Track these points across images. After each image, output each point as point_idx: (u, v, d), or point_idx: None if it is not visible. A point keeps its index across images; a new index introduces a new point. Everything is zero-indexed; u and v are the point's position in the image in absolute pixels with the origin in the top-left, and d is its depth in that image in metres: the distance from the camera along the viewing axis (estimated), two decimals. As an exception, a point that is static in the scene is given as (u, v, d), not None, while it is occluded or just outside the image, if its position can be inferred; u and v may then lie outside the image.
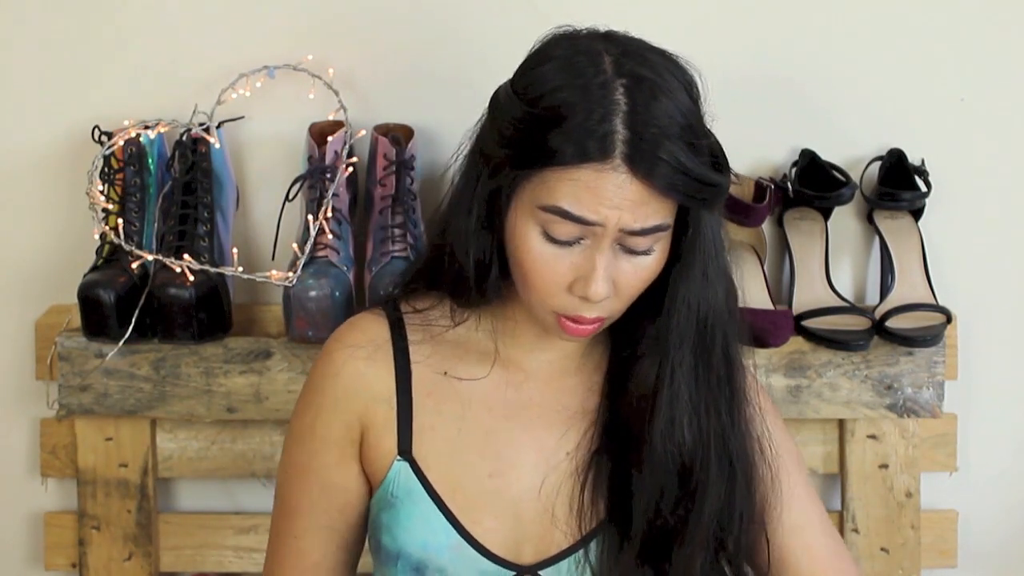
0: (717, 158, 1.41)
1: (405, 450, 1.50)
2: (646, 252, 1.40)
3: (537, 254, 1.40)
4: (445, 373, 1.51)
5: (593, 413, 1.51)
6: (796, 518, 1.52)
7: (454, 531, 1.48)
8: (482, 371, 1.52)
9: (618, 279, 1.40)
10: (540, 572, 1.49)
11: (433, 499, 1.48)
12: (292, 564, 1.54)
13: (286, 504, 1.55)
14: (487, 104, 1.45)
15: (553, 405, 1.52)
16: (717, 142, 1.42)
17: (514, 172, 1.39)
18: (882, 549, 1.97)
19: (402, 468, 1.49)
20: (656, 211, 1.37)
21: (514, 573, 1.49)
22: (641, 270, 1.41)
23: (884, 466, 1.96)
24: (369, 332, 1.53)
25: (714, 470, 1.47)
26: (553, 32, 1.45)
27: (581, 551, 1.49)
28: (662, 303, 1.45)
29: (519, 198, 1.40)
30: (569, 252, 1.39)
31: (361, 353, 1.51)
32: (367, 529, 1.55)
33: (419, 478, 1.49)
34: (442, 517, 1.48)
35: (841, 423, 1.96)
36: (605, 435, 1.50)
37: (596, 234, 1.38)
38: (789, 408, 1.91)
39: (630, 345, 1.49)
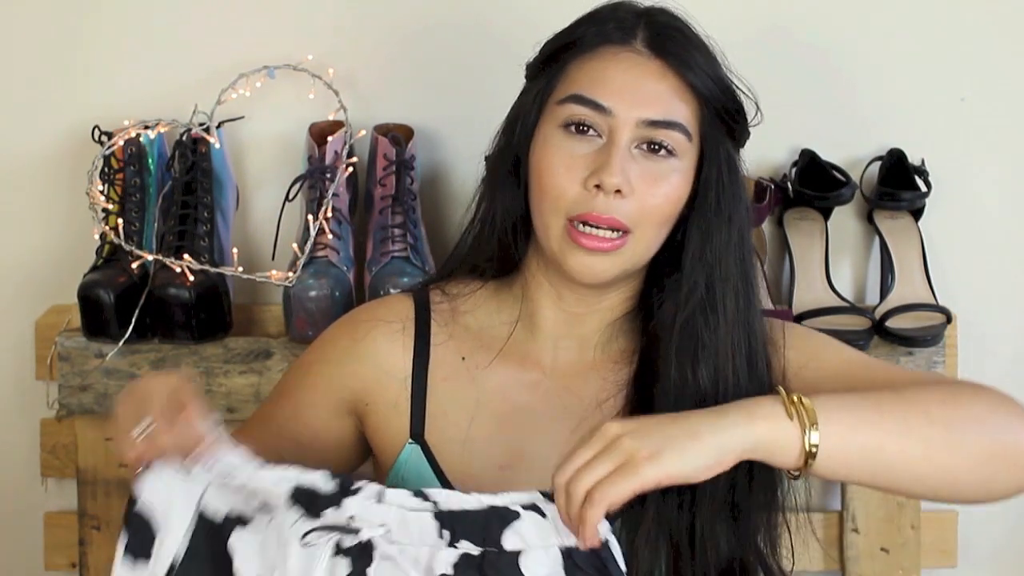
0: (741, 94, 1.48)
1: (417, 433, 1.50)
2: (665, 149, 1.42)
3: (555, 146, 1.43)
4: (464, 358, 1.52)
5: (608, 405, 1.49)
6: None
7: None
8: (500, 360, 1.51)
9: (635, 181, 1.42)
10: None
11: (443, 485, 1.47)
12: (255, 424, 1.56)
13: (262, 410, 1.58)
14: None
15: (568, 397, 1.50)
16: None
17: (543, 87, 1.46)
18: (882, 549, 1.97)
19: (413, 451, 1.49)
20: (675, 107, 1.43)
21: None
22: (659, 179, 1.42)
23: (884, 466, 1.95)
24: (395, 310, 1.54)
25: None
26: None
27: None
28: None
29: (544, 118, 1.45)
30: (584, 143, 1.42)
31: (383, 328, 1.53)
32: None
33: (430, 463, 1.49)
34: None
35: (841, 423, 1.95)
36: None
37: (612, 127, 1.41)
38: (789, 408, 1.90)
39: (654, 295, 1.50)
